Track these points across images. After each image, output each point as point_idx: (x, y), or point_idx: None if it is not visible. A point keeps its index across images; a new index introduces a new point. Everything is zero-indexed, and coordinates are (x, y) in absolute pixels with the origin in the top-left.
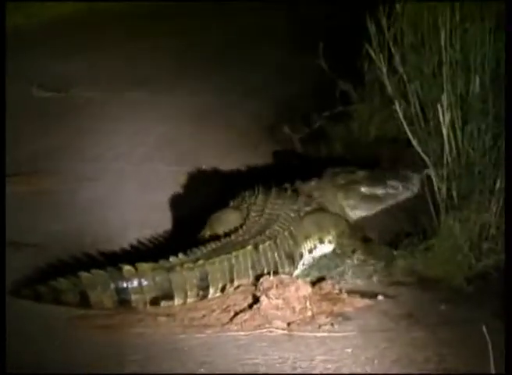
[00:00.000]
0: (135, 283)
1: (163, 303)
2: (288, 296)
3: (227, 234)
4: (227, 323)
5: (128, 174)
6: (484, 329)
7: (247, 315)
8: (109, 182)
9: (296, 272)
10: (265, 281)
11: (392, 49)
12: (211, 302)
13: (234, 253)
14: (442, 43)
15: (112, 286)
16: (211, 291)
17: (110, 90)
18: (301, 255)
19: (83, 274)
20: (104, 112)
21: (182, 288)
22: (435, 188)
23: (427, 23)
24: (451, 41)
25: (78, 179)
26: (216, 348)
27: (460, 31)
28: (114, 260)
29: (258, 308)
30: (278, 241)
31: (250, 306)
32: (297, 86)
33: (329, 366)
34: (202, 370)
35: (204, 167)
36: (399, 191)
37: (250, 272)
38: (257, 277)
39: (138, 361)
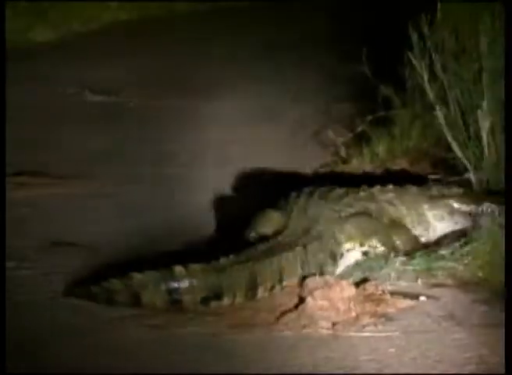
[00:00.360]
0: (186, 283)
1: (213, 303)
2: (333, 297)
3: (274, 235)
4: (274, 323)
5: (175, 177)
6: None
7: (293, 315)
8: (157, 185)
9: (338, 271)
10: (310, 282)
11: (433, 56)
12: (258, 303)
13: (284, 254)
14: (484, 50)
15: (164, 286)
16: (260, 291)
17: (158, 95)
18: (342, 255)
19: (135, 275)
20: (153, 117)
21: (231, 288)
22: (476, 191)
23: (468, 31)
24: (491, 48)
25: (126, 182)
26: (263, 347)
27: (501, 38)
28: (162, 262)
29: (304, 308)
30: (323, 241)
31: (296, 307)
32: (341, 91)
33: (374, 365)
34: (250, 370)
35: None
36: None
37: (299, 271)
38: (303, 278)
39: (186, 361)
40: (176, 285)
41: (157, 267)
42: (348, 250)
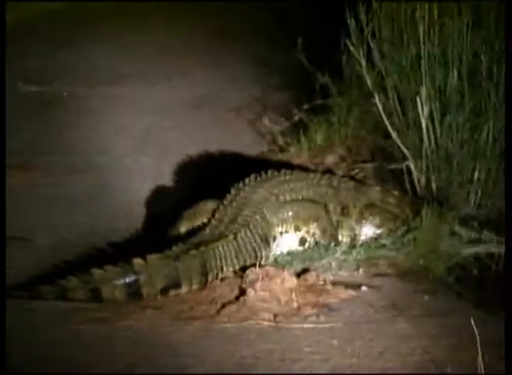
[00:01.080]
0: (146, 275)
1: (172, 292)
2: (274, 288)
3: (207, 224)
4: (214, 315)
5: (113, 167)
6: (472, 321)
7: (233, 307)
8: (95, 176)
9: (273, 255)
10: (251, 273)
11: (371, 44)
12: (198, 295)
13: (215, 244)
14: (421, 37)
15: (124, 281)
16: (210, 277)
17: (94, 84)
18: (275, 238)
19: (95, 271)
20: (88, 106)
21: (188, 276)
22: (415, 180)
23: (405, 18)
24: (429, 35)
25: (64, 172)
26: (204, 339)
27: (438, 26)
28: (105, 253)
29: (245, 300)
30: (251, 225)
31: (237, 298)
32: (278, 80)
33: (316, 357)
34: (190, 363)
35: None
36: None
37: (235, 260)
38: (243, 268)
39: (126, 354)
40: (135, 278)
41: (115, 261)
42: (281, 233)
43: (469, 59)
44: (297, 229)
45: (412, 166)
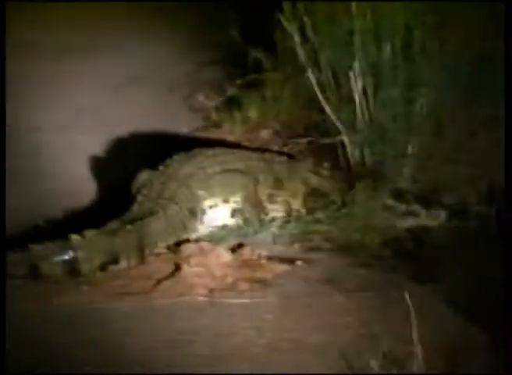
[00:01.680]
0: (84, 252)
1: (110, 268)
2: (209, 263)
3: (142, 198)
4: (150, 291)
5: (50, 144)
6: (406, 294)
7: (169, 283)
8: (32, 152)
9: (203, 229)
10: (186, 249)
11: (304, 18)
12: (134, 271)
13: (147, 219)
14: (353, 11)
15: (62, 257)
16: (146, 252)
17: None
18: (203, 212)
19: (33, 246)
20: (22, 81)
21: (125, 251)
22: (349, 154)
23: None
24: (362, 8)
25: None
26: (140, 316)
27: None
28: (42, 231)
29: (180, 275)
30: (177, 199)
31: (172, 274)
32: (210, 56)
33: (252, 332)
34: (126, 339)
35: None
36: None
37: (165, 234)
38: (177, 244)
39: (58, 330)
40: (73, 255)
41: (51, 238)
42: (211, 206)
43: (402, 33)
44: (226, 201)
45: (346, 141)
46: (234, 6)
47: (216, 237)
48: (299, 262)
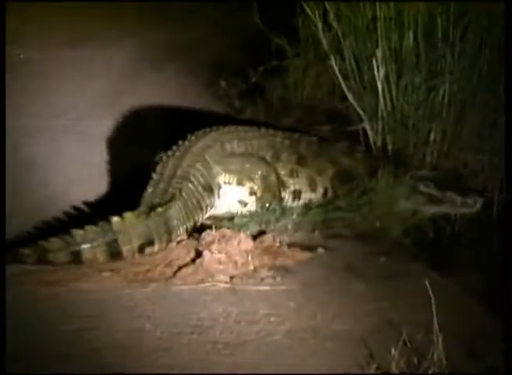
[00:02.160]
0: (125, 234)
1: (147, 250)
2: (230, 250)
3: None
4: (171, 277)
5: (66, 131)
6: (426, 283)
7: (190, 269)
8: (49, 139)
9: (219, 204)
10: (207, 235)
11: (327, 6)
12: (155, 257)
13: (170, 204)
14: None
15: (105, 240)
16: (173, 236)
17: (46, 48)
18: (219, 186)
19: (77, 231)
20: (41, 71)
21: (158, 233)
22: (371, 142)
23: None
24: None
25: (18, 135)
26: (160, 302)
27: None
28: (73, 217)
29: (201, 262)
30: (191, 176)
31: (193, 261)
32: (234, 42)
33: (273, 319)
34: (147, 325)
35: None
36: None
37: (185, 216)
38: (199, 230)
39: (83, 316)
40: (114, 237)
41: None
42: (225, 183)
43: (424, 21)
44: (241, 184)
45: (368, 128)
46: None
47: (238, 224)
48: (320, 250)
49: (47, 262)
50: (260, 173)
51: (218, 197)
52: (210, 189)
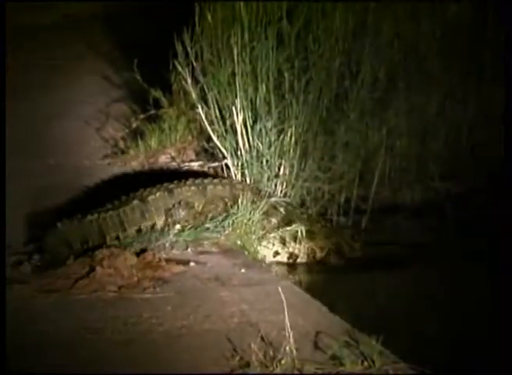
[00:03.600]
0: None
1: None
2: (118, 265)
3: None
4: (70, 288)
5: None
6: (279, 289)
7: (85, 281)
8: None
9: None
10: (99, 253)
11: (195, 63)
12: (57, 272)
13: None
14: (235, 58)
15: None
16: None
17: None
18: None
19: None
20: None
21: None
22: (232, 175)
23: (222, 43)
24: (242, 56)
25: None
26: (63, 309)
27: (249, 48)
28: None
29: (94, 275)
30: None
31: (88, 274)
32: (119, 94)
33: (153, 321)
34: (51, 328)
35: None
36: None
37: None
38: (92, 249)
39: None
40: None
41: None
42: None
43: (274, 75)
44: None
45: (230, 164)
46: (138, 53)
47: (124, 243)
48: (192, 263)
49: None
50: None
51: None
52: None
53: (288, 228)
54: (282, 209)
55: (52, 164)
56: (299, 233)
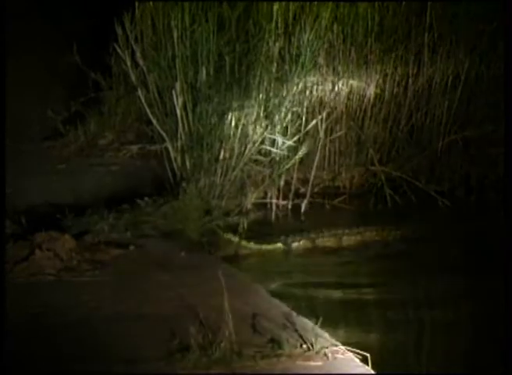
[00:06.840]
0: None
1: None
2: (57, 248)
3: None
4: (9, 271)
5: None
6: (219, 272)
7: (24, 265)
8: None
9: None
10: (38, 237)
11: (134, 47)
12: None
13: None
14: (175, 41)
15: None
16: None
17: None
18: None
19: None
20: None
21: None
22: (172, 158)
23: (163, 26)
24: (182, 39)
25: None
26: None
27: (190, 31)
28: None
29: (33, 259)
30: None
31: (27, 258)
32: (59, 78)
33: (92, 304)
34: None
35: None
36: None
37: None
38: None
39: None
40: None
41: None
42: None
43: (215, 59)
44: None
45: (170, 147)
46: (77, 38)
47: (63, 227)
48: (132, 247)
49: None
50: None
51: None
52: None
53: None
54: None
55: None
56: None
